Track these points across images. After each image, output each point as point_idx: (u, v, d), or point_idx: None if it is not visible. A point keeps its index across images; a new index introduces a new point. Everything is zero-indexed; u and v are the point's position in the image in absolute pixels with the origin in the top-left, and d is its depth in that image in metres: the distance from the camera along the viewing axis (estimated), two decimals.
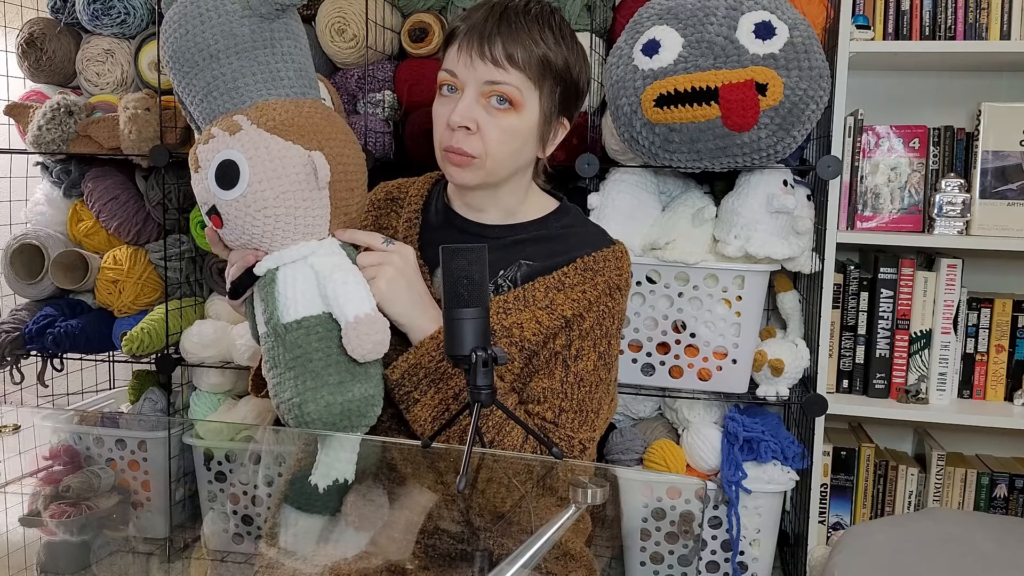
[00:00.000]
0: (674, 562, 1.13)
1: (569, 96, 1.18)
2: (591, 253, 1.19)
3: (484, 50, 1.09)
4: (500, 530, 0.88)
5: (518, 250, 1.20)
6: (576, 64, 1.17)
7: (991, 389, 1.92)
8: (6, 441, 1.14)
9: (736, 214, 1.67)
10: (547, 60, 1.12)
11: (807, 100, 1.54)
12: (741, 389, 1.75)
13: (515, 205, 1.22)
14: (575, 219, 1.26)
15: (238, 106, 1.00)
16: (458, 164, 1.13)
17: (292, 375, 1.01)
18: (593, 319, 1.17)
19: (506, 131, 1.12)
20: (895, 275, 1.90)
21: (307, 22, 2.04)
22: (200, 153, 1.00)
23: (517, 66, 1.10)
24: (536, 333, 1.14)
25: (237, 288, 1.06)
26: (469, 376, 0.93)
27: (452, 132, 1.12)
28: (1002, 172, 1.87)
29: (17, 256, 2.09)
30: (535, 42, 1.11)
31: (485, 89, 1.11)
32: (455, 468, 0.97)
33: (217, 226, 1.01)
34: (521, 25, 1.11)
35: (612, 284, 1.19)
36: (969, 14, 1.87)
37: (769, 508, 1.77)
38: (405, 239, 1.23)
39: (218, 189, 0.97)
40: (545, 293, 1.16)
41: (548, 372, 1.16)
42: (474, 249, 0.95)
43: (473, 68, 1.10)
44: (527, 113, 1.12)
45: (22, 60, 2.14)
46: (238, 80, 0.99)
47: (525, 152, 1.16)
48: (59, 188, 2.17)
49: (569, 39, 1.16)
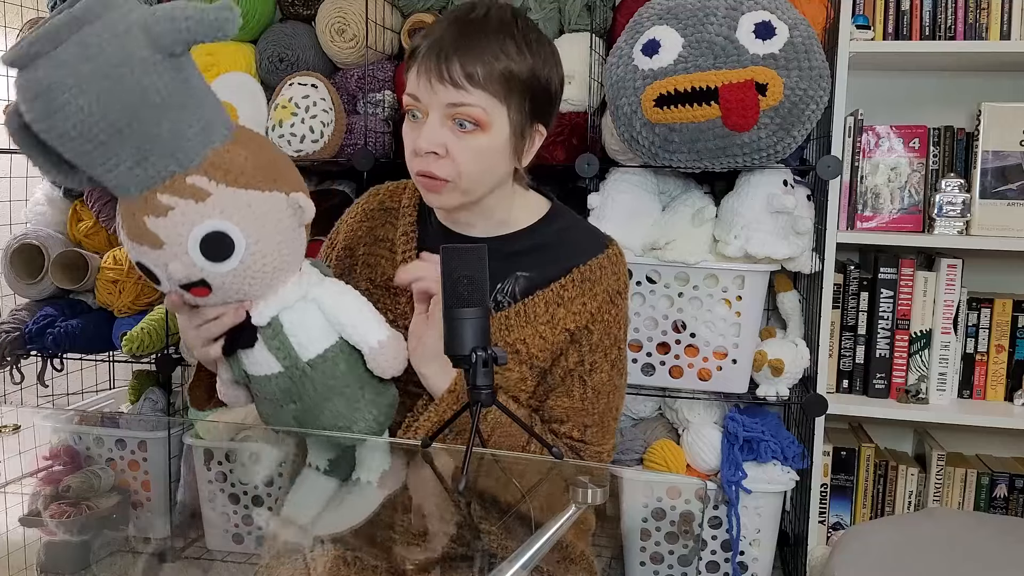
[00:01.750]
0: (674, 562, 1.13)
1: (541, 103, 1.13)
2: (587, 262, 1.17)
3: (443, 72, 1.05)
4: (500, 530, 0.88)
5: (513, 262, 1.17)
6: (544, 69, 1.12)
7: (991, 389, 1.92)
8: (6, 441, 1.14)
9: (736, 214, 1.67)
10: (510, 74, 1.07)
11: (807, 100, 1.54)
12: (741, 389, 1.75)
13: (503, 215, 1.19)
14: (567, 221, 1.24)
15: (186, 166, 0.87)
16: (432, 189, 1.10)
17: (329, 405, 1.01)
18: (600, 330, 1.16)
19: (476, 152, 1.08)
20: (895, 275, 1.90)
21: (307, 22, 2.05)
22: (160, 228, 0.87)
23: (479, 85, 1.05)
24: (542, 349, 1.13)
25: (235, 344, 0.99)
26: (469, 376, 0.93)
27: (421, 157, 1.09)
28: (1002, 172, 1.87)
29: (17, 256, 2.09)
30: (495, 57, 1.06)
31: (449, 111, 1.07)
32: (455, 468, 0.97)
33: (203, 295, 0.92)
34: (480, 41, 1.06)
35: (612, 291, 1.17)
36: (969, 14, 1.87)
37: (769, 508, 1.77)
38: (403, 252, 1.20)
39: (208, 263, 0.89)
40: (546, 308, 1.14)
41: (566, 391, 1.15)
42: (474, 249, 0.95)
43: (434, 92, 1.06)
44: (496, 131, 1.08)
45: None
46: (178, 138, 0.86)
47: (499, 169, 1.12)
48: (59, 188, 2.17)
49: (534, 44, 1.11)
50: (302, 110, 1.87)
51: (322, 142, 1.88)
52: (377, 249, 1.23)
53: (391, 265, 1.20)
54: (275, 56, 2.00)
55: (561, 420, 1.16)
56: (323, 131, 1.88)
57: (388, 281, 1.19)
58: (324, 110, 1.88)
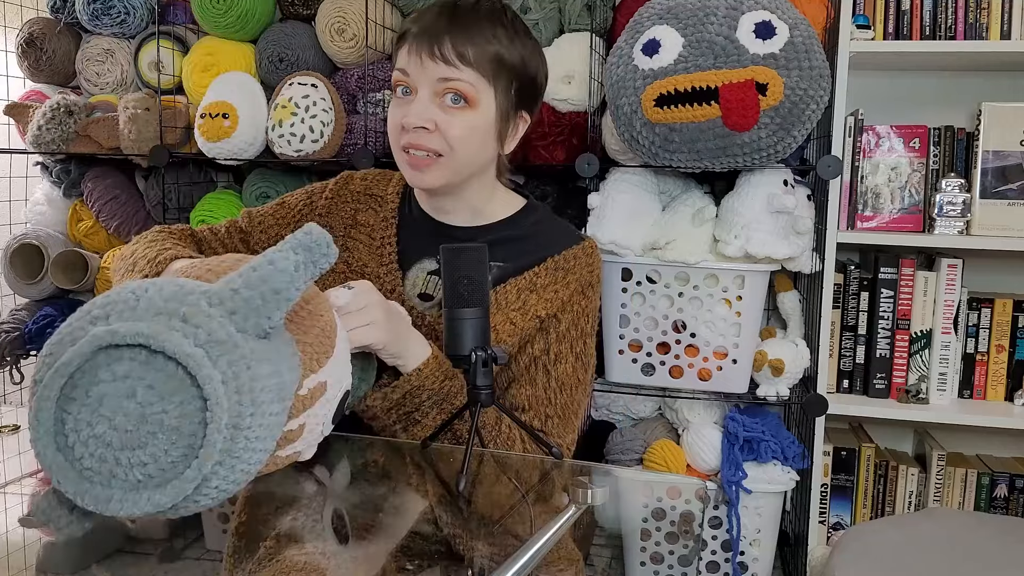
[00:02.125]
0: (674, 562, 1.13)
1: (527, 92, 1.17)
2: (561, 252, 1.19)
3: (434, 50, 1.08)
4: (500, 530, 0.88)
5: (490, 252, 1.19)
6: (532, 60, 1.16)
7: (991, 389, 1.92)
8: (6, 441, 1.14)
9: (736, 214, 1.67)
10: (500, 57, 1.11)
11: (807, 100, 1.54)
12: (741, 389, 1.75)
13: (482, 204, 1.22)
14: (543, 216, 1.26)
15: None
16: (419, 166, 1.12)
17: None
18: (568, 320, 1.17)
19: (464, 127, 1.10)
20: (895, 275, 1.90)
21: (307, 22, 2.05)
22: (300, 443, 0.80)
23: (469, 64, 1.09)
24: (511, 335, 1.14)
25: None
26: (469, 376, 0.93)
27: (408, 133, 1.10)
28: (1002, 172, 1.87)
29: (17, 256, 2.09)
30: (487, 40, 1.10)
31: (439, 87, 1.09)
32: (455, 468, 0.97)
33: None
34: (472, 23, 1.10)
35: (584, 282, 1.19)
36: (969, 14, 1.87)
37: (769, 508, 1.77)
38: (381, 239, 1.22)
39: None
40: (517, 295, 1.16)
41: (530, 379, 1.16)
42: (474, 249, 0.95)
43: (424, 68, 1.09)
44: (483, 109, 1.11)
45: (22, 60, 2.14)
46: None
47: (486, 149, 1.15)
48: (59, 188, 2.17)
49: (523, 35, 1.15)
50: (302, 110, 1.87)
51: (322, 142, 1.88)
52: (356, 233, 1.25)
53: (367, 251, 1.23)
54: (275, 56, 2.00)
55: (523, 408, 1.15)
56: (323, 131, 1.88)
57: (363, 267, 1.22)
58: (324, 110, 1.88)
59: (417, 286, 1.21)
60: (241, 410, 0.63)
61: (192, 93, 2.04)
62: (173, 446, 0.62)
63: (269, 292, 0.65)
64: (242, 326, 0.65)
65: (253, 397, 0.64)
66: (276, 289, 0.65)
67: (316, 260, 0.67)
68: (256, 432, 0.65)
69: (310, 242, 0.66)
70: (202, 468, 0.61)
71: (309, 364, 0.78)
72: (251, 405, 0.63)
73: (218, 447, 0.61)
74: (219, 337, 0.63)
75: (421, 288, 1.21)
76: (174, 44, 2.06)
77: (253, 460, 0.66)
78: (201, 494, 0.64)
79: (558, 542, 0.76)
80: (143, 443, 0.62)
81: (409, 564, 0.82)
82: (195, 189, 2.07)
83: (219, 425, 0.61)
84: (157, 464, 0.62)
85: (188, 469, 0.61)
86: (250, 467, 0.66)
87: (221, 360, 0.62)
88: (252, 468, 0.66)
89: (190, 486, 0.61)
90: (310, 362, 0.78)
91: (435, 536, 0.88)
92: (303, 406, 0.77)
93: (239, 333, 0.64)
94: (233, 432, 0.62)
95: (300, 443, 0.80)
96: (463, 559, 0.83)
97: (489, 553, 0.84)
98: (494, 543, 0.86)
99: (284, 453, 0.79)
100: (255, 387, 0.64)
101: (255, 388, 0.64)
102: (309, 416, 0.79)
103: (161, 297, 0.65)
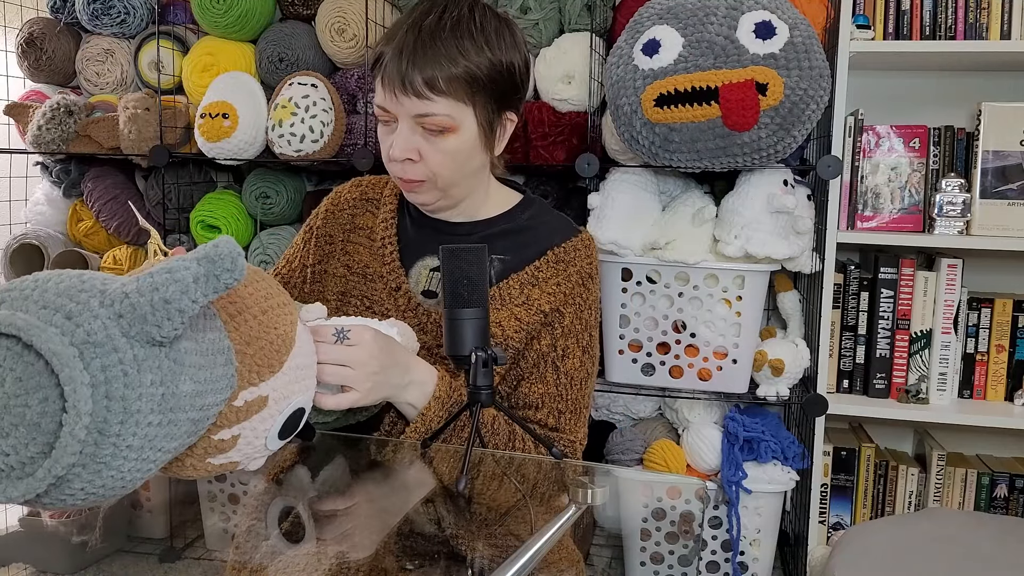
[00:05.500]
0: (674, 562, 1.13)
1: (506, 93, 1.14)
2: (561, 244, 1.20)
3: (404, 84, 1.06)
4: (500, 530, 0.88)
5: (490, 246, 1.20)
6: (506, 60, 1.12)
7: (991, 389, 1.92)
8: None
9: (736, 214, 1.67)
10: (472, 75, 1.08)
11: (807, 100, 1.54)
12: (741, 389, 1.75)
13: (479, 203, 1.23)
14: (540, 209, 1.27)
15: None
16: (410, 188, 1.15)
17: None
18: (572, 314, 1.18)
19: (447, 154, 1.11)
20: (895, 275, 1.90)
21: (307, 22, 2.05)
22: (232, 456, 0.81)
23: (441, 92, 1.07)
24: (517, 331, 1.14)
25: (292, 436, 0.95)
26: (469, 376, 0.93)
27: (398, 163, 1.12)
28: (1002, 172, 1.87)
29: (17, 256, 2.09)
30: (453, 61, 1.07)
31: (417, 120, 1.09)
32: (455, 468, 0.97)
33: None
34: (438, 45, 1.07)
35: (584, 273, 1.20)
36: (969, 14, 1.87)
37: (769, 508, 1.77)
38: (382, 239, 1.23)
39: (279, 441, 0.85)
40: (520, 289, 1.16)
41: (540, 377, 1.16)
42: (474, 249, 0.95)
43: (400, 103, 1.08)
44: (464, 131, 1.11)
45: (22, 60, 2.14)
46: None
47: (473, 162, 1.15)
48: (59, 188, 2.17)
49: (492, 37, 1.11)
50: (302, 110, 1.87)
51: (322, 142, 1.88)
52: (356, 237, 1.27)
53: (368, 252, 1.24)
54: (275, 56, 2.00)
55: (536, 406, 1.16)
56: (323, 131, 1.88)
57: (365, 268, 1.23)
58: (324, 110, 1.88)
59: (421, 283, 1.21)
60: (108, 416, 0.61)
61: (192, 93, 2.04)
62: (33, 441, 0.61)
63: (159, 301, 0.62)
64: (128, 331, 0.63)
65: (126, 405, 0.62)
66: (167, 299, 0.62)
67: (219, 274, 0.64)
68: (129, 441, 0.62)
69: (215, 255, 0.64)
70: (52, 469, 0.59)
71: (248, 376, 0.76)
72: (122, 412, 0.61)
73: (73, 450, 0.59)
74: (98, 339, 0.61)
75: (425, 285, 1.21)
76: (174, 44, 2.07)
77: (129, 468, 0.64)
78: (65, 493, 0.62)
79: (558, 542, 0.76)
80: (6, 433, 0.61)
81: (409, 564, 0.82)
82: (195, 189, 2.07)
83: (73, 428, 0.59)
84: (17, 456, 0.61)
85: (39, 468, 0.60)
86: (126, 475, 0.64)
87: (94, 363, 0.61)
88: (132, 476, 0.65)
89: (42, 484, 0.60)
90: (248, 374, 0.77)
91: (435, 536, 0.88)
92: (237, 417, 0.76)
93: (123, 338, 0.62)
94: (98, 437, 0.61)
95: (235, 453, 0.79)
96: (463, 559, 0.83)
97: (489, 553, 0.84)
98: (494, 543, 0.86)
99: (216, 461, 0.78)
100: (129, 395, 0.62)
101: (129, 396, 0.62)
102: (244, 428, 0.78)
103: (56, 291, 0.64)
